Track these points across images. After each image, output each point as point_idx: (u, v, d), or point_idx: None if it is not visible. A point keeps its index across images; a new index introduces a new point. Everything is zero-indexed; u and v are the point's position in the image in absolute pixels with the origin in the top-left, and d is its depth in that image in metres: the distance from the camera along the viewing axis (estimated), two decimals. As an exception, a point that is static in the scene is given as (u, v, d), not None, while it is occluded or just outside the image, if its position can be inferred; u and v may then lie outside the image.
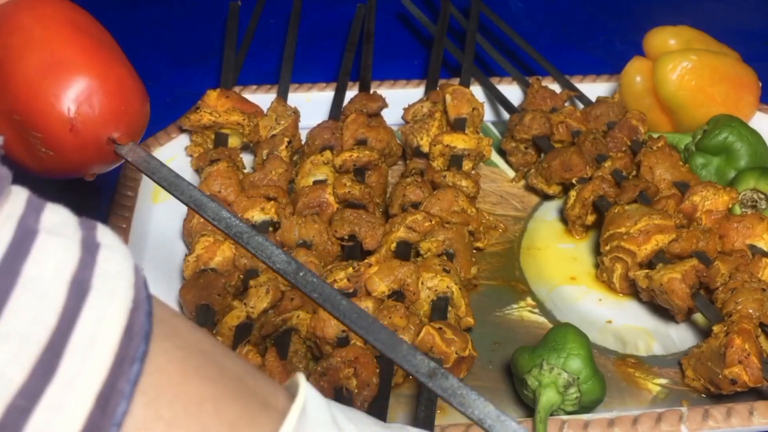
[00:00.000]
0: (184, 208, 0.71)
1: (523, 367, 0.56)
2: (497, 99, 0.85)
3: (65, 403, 0.26)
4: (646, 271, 0.64)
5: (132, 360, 0.27)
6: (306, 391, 0.33)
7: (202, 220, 0.66)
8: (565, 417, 0.53)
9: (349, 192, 0.68)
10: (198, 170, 0.73)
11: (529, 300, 0.67)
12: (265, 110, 0.79)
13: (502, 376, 0.59)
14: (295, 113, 0.78)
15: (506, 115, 0.84)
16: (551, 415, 0.55)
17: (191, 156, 0.76)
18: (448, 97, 0.79)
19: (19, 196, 0.30)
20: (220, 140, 0.76)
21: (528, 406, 0.58)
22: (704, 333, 0.64)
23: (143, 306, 0.29)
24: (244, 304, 0.58)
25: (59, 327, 0.26)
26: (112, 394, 0.27)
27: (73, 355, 0.26)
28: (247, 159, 0.77)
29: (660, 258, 0.64)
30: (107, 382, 0.27)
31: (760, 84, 0.81)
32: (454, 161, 0.74)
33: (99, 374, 0.27)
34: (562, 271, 0.70)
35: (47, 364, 0.26)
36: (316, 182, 0.70)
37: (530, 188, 0.78)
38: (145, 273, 0.67)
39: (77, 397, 0.26)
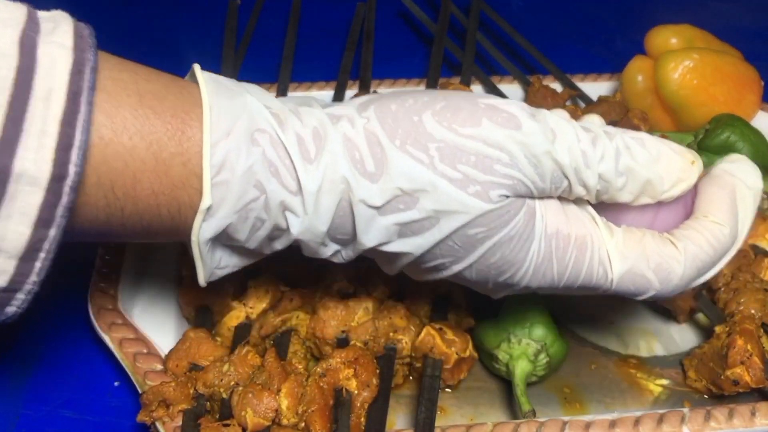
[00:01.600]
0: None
1: (491, 343, 0.58)
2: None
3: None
4: (648, 271, 0.63)
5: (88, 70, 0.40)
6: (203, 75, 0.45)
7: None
8: (566, 418, 0.53)
9: (349, 191, 0.68)
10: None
11: (530, 300, 0.67)
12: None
13: (503, 377, 0.59)
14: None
15: (507, 114, 0.83)
16: (553, 420, 0.55)
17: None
18: (448, 96, 0.79)
19: None
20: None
21: (502, 378, 0.60)
22: (706, 334, 0.63)
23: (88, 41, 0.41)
24: (244, 304, 0.58)
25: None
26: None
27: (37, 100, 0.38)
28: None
29: (662, 258, 0.64)
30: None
31: (763, 83, 0.81)
32: (455, 160, 0.74)
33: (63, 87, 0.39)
34: (563, 271, 0.69)
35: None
36: (315, 182, 0.70)
37: (531, 188, 0.78)
38: (145, 273, 0.67)
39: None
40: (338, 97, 0.83)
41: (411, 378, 0.60)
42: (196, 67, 0.46)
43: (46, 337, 0.64)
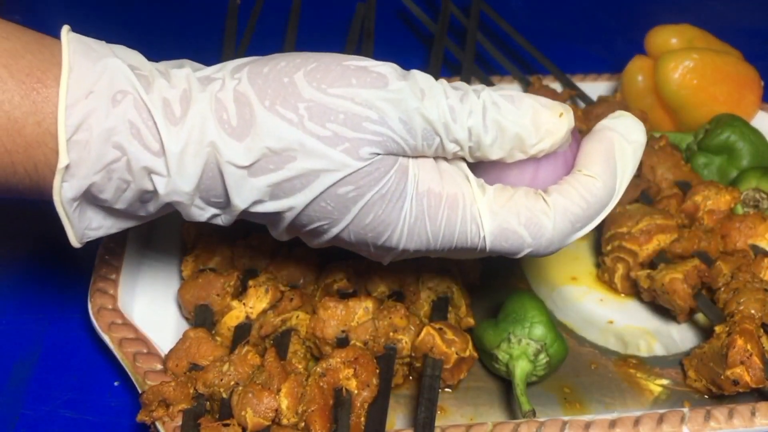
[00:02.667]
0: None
1: (491, 343, 0.58)
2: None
3: None
4: (648, 271, 0.63)
5: None
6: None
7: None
8: (566, 418, 0.53)
9: (349, 191, 0.68)
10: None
11: (530, 300, 0.67)
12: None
13: (502, 377, 0.59)
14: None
15: (507, 114, 0.83)
16: (551, 418, 0.55)
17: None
18: (448, 96, 0.79)
19: None
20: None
21: (502, 378, 0.60)
22: (706, 333, 0.63)
23: None
24: (243, 304, 0.58)
25: None
26: None
27: None
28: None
29: (662, 258, 0.64)
30: None
31: (763, 83, 0.81)
32: (455, 160, 0.74)
33: None
34: (564, 271, 0.69)
35: None
36: (315, 181, 0.70)
37: (531, 187, 0.78)
38: (145, 273, 0.67)
39: None
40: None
41: (411, 378, 0.60)
42: (65, 28, 0.47)
43: (46, 337, 0.64)
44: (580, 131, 0.78)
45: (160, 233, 0.70)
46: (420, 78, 0.47)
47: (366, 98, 0.45)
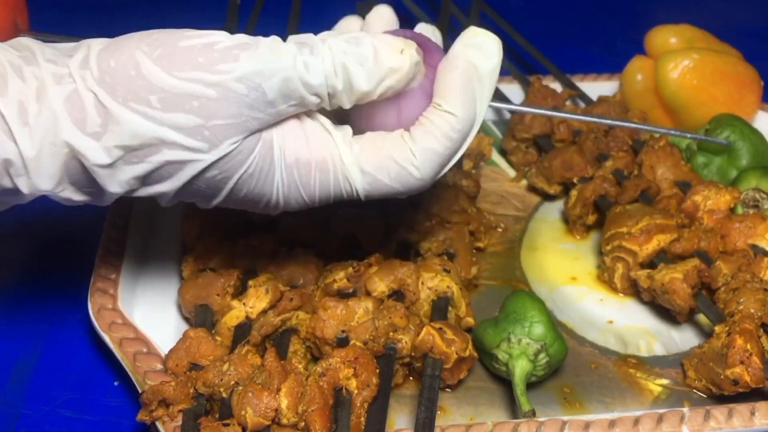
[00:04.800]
0: (183, 207, 0.71)
1: (491, 343, 0.58)
2: (498, 98, 0.85)
3: None
4: (648, 270, 0.63)
5: None
6: None
7: (201, 219, 0.66)
8: (565, 418, 0.53)
9: (349, 191, 0.68)
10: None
11: (530, 300, 0.67)
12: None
13: (502, 377, 0.59)
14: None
15: (507, 115, 0.84)
16: (549, 418, 0.55)
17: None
18: (448, 96, 0.79)
19: None
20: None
21: (502, 378, 0.59)
22: (706, 333, 0.63)
23: None
24: (243, 304, 0.58)
25: None
26: None
27: None
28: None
29: (661, 258, 0.64)
30: None
31: (762, 83, 0.81)
32: (455, 160, 0.74)
33: None
34: (563, 271, 0.70)
35: None
36: (315, 181, 0.70)
37: (531, 188, 0.78)
38: (145, 273, 0.67)
39: None
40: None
41: (411, 378, 0.60)
42: None
43: (47, 337, 0.64)
44: (580, 130, 0.78)
45: (160, 233, 0.70)
46: (263, 43, 0.47)
47: (217, 80, 0.45)
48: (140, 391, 0.54)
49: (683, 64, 0.78)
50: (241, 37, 0.47)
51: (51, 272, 0.70)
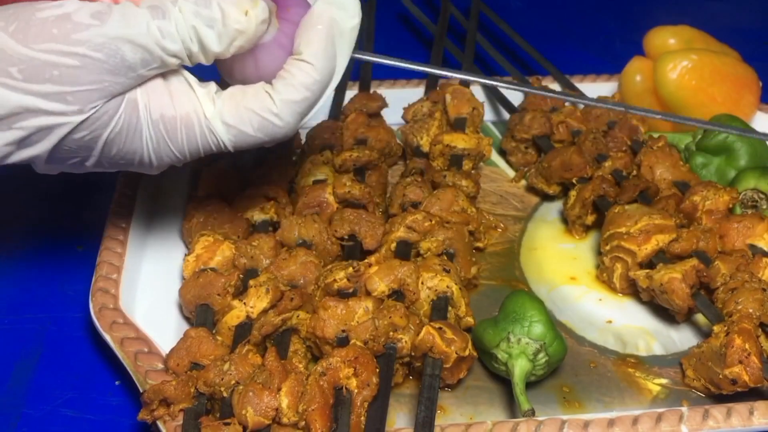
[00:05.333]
0: (184, 207, 0.71)
1: (490, 342, 0.58)
2: (497, 99, 0.85)
3: None
4: (647, 270, 0.63)
5: None
6: None
7: (202, 219, 0.67)
8: (565, 417, 0.53)
9: (348, 192, 0.68)
10: (198, 170, 0.73)
11: (529, 300, 0.67)
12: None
13: (502, 377, 0.59)
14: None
15: (506, 115, 0.84)
16: (547, 417, 0.55)
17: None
18: (448, 97, 0.79)
19: None
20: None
21: (501, 378, 0.60)
22: (705, 333, 0.64)
23: None
24: (244, 303, 0.58)
25: None
26: None
27: None
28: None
29: (660, 258, 0.64)
30: None
31: (761, 83, 0.81)
32: (454, 161, 0.74)
33: None
34: (562, 271, 0.70)
35: None
36: (316, 182, 0.70)
37: (530, 188, 0.78)
38: (146, 272, 0.67)
39: None
40: (338, 97, 0.83)
41: (411, 377, 0.60)
42: None
43: (48, 337, 0.64)
44: (579, 131, 0.78)
45: (161, 233, 0.70)
46: (119, 10, 0.48)
47: (74, 50, 0.47)
48: (141, 391, 0.54)
49: (682, 64, 0.78)
50: (96, 5, 0.49)
51: (52, 272, 0.70)
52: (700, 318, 0.64)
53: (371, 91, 0.83)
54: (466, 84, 0.82)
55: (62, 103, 0.48)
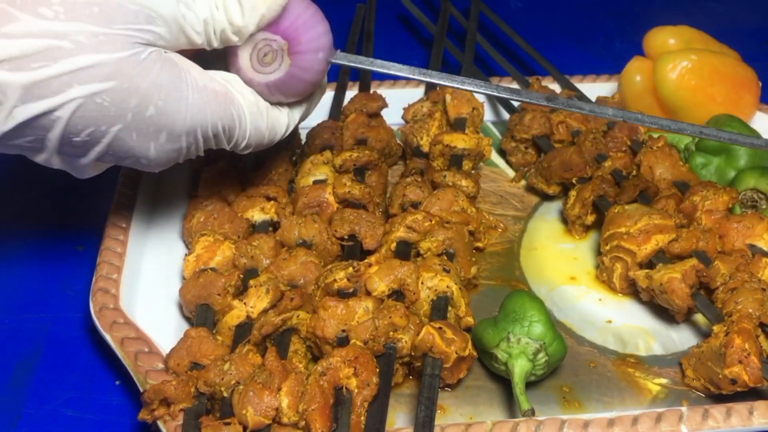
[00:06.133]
0: (184, 207, 0.71)
1: (490, 342, 0.58)
2: (497, 99, 0.85)
3: None
4: (646, 270, 0.64)
5: None
6: None
7: (202, 219, 0.67)
8: (564, 417, 0.53)
9: (349, 192, 0.68)
10: (198, 170, 0.73)
11: (529, 300, 0.67)
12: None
13: (502, 376, 0.59)
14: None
15: (506, 115, 0.84)
16: (545, 418, 0.55)
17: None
18: (448, 97, 0.79)
19: None
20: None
21: (501, 378, 0.60)
22: (704, 333, 0.64)
23: None
24: (244, 303, 0.58)
25: None
26: None
27: None
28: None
29: (660, 258, 0.64)
30: None
31: (760, 84, 0.81)
32: (454, 161, 0.74)
33: None
34: (562, 271, 0.70)
35: None
36: (316, 182, 0.70)
37: (530, 188, 0.78)
38: (146, 272, 0.68)
39: None
40: (338, 97, 0.83)
41: (411, 377, 0.60)
42: None
43: (48, 336, 0.65)
44: (579, 131, 0.78)
45: (161, 233, 0.70)
46: None
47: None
48: (141, 391, 0.54)
49: (682, 65, 0.78)
50: None
51: (53, 272, 0.70)
52: (699, 318, 0.64)
53: (371, 91, 0.83)
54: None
55: (101, 42, 0.47)
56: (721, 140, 0.64)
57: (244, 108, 0.56)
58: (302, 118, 0.62)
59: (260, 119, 0.57)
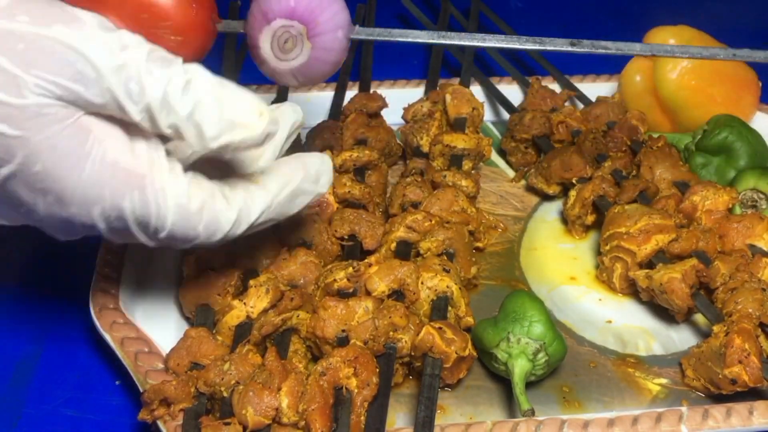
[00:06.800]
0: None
1: (490, 342, 0.58)
2: (497, 99, 0.85)
3: None
4: (646, 270, 0.64)
5: None
6: None
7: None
8: (564, 417, 0.53)
9: (349, 192, 0.68)
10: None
11: (529, 300, 0.67)
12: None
13: (502, 376, 0.60)
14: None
15: (506, 115, 0.84)
16: (545, 418, 0.55)
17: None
18: (448, 97, 0.79)
19: None
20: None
21: (501, 378, 0.60)
22: (704, 333, 0.64)
23: None
24: (244, 303, 0.58)
25: None
26: None
27: None
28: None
29: (660, 258, 0.64)
30: None
31: (760, 84, 0.81)
32: (454, 161, 0.74)
33: None
34: (562, 271, 0.70)
35: None
36: (316, 182, 0.70)
37: (530, 188, 0.78)
38: (146, 272, 0.67)
39: None
40: (338, 98, 0.83)
41: (410, 377, 0.60)
42: None
43: (48, 336, 0.65)
44: (579, 131, 0.78)
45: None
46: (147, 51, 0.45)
47: (43, 32, 0.43)
48: (141, 391, 0.54)
49: (682, 65, 0.78)
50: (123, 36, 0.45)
51: (52, 272, 0.70)
52: (699, 318, 0.64)
53: (371, 91, 0.83)
54: (466, 85, 0.82)
55: (5, 83, 0.43)
56: (756, 60, 0.62)
57: (166, 196, 0.47)
58: (273, 214, 0.53)
59: (189, 212, 0.48)
